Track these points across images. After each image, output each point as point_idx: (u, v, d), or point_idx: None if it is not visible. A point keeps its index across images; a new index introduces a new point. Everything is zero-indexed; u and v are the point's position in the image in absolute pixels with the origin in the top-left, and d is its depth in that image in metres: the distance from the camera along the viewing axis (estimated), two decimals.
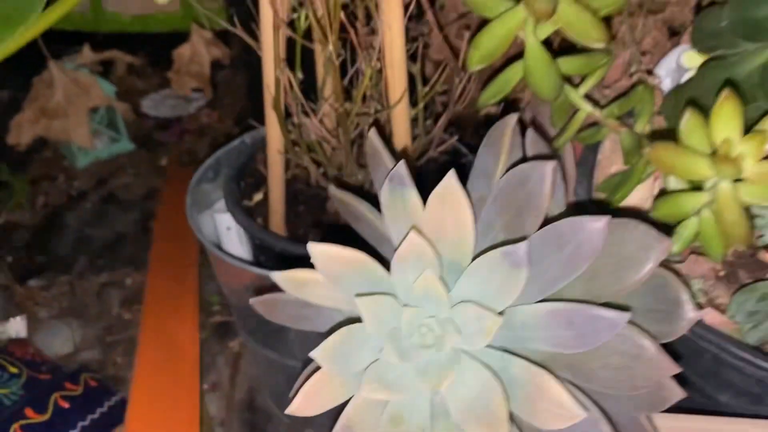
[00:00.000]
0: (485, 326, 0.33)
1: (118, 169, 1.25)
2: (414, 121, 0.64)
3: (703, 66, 0.51)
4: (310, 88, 0.67)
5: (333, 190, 0.46)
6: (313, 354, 0.33)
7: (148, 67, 1.46)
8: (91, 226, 1.14)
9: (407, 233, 0.34)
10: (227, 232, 0.75)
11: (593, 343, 0.34)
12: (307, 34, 0.60)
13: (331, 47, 0.52)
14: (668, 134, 0.48)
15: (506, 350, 0.36)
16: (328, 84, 0.63)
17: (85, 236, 1.12)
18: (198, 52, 1.18)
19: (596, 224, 0.34)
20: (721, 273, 0.50)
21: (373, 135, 0.42)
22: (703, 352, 0.45)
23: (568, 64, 0.51)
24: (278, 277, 0.38)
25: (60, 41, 1.20)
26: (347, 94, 0.60)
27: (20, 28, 0.40)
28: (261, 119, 0.79)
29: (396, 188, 0.37)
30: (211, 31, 1.20)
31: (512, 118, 0.41)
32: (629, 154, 0.53)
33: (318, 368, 0.45)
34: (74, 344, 0.95)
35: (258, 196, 0.75)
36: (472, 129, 0.78)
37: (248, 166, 0.77)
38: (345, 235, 0.72)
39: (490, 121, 0.77)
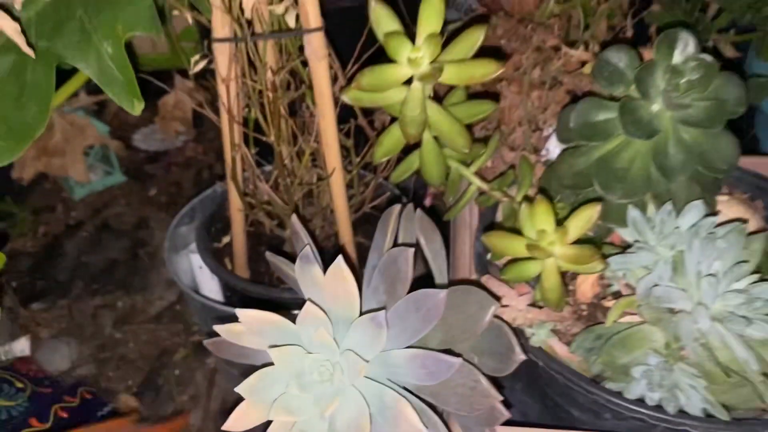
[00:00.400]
0: (358, 368, 0.47)
1: (111, 199, 1.38)
2: (350, 184, 0.78)
3: (562, 153, 0.65)
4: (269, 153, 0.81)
5: (270, 256, 0.60)
6: (237, 389, 0.47)
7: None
8: (87, 253, 1.28)
9: (306, 301, 0.48)
10: (200, 271, 0.89)
11: (440, 377, 0.48)
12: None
13: (272, 137, 0.66)
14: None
15: (382, 383, 0.50)
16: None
17: (82, 262, 1.26)
18: (181, 100, 1.33)
19: (440, 295, 0.48)
20: (584, 313, 0.64)
21: (294, 220, 0.56)
22: (556, 377, 0.59)
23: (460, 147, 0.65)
24: (220, 329, 0.52)
25: None
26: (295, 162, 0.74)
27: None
28: None
29: (305, 265, 0.51)
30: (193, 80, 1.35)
31: (395, 209, 0.55)
32: (506, 220, 0.67)
33: None
34: (71, 361, 1.08)
35: (226, 239, 0.89)
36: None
37: (218, 213, 0.91)
38: None
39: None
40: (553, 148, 0.74)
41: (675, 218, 0.56)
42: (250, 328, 0.50)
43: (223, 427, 0.49)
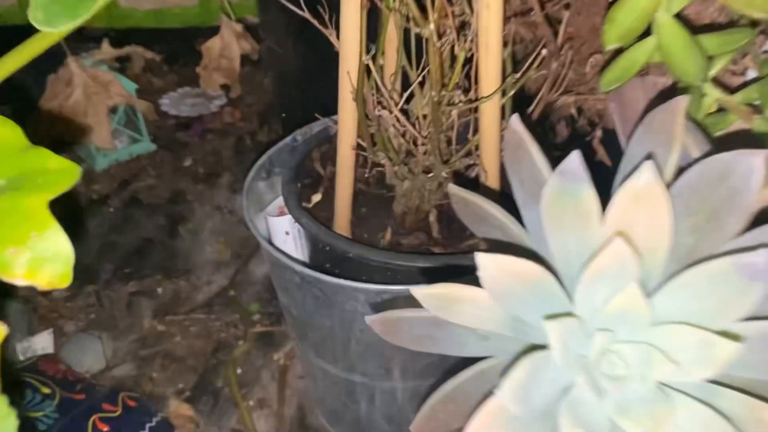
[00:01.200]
0: (713, 355, 0.27)
1: (140, 170, 1.18)
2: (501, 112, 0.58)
3: None
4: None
5: (453, 188, 0.40)
6: (499, 393, 0.27)
7: (164, 65, 1.39)
8: (116, 231, 1.07)
9: (607, 243, 0.28)
10: (285, 237, 0.68)
11: None
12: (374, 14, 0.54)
13: (432, 26, 0.46)
14: None
15: (714, 382, 0.30)
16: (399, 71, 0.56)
17: (110, 242, 1.05)
18: (228, 46, 1.11)
19: None
20: None
21: (516, 123, 0.36)
22: None
23: (706, 43, 0.45)
24: (419, 294, 0.32)
25: (71, 37, 1.14)
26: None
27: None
28: (291, 118, 0.74)
29: (567, 185, 0.31)
30: (240, 23, 1.14)
31: (683, 101, 0.35)
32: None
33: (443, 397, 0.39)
34: (106, 359, 0.88)
35: (316, 197, 0.69)
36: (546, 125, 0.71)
37: (304, 165, 0.71)
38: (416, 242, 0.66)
39: (562, 112, 0.71)
40: None
41: None
42: (493, 286, 0.29)
43: None
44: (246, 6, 1.27)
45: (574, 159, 0.31)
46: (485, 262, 0.29)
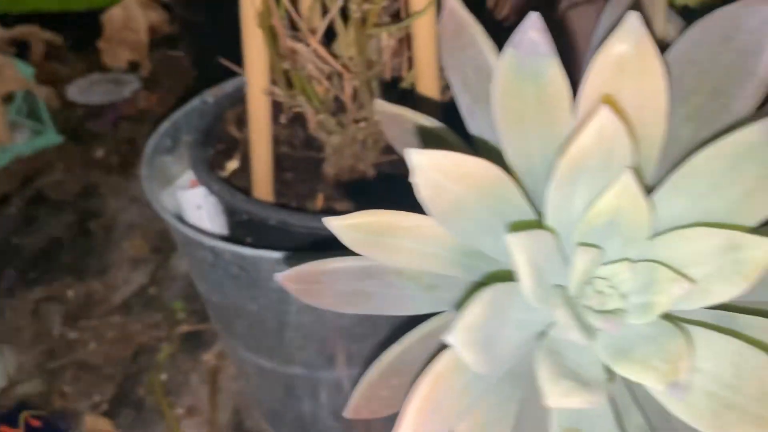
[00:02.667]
0: (743, 260, 0.19)
1: (45, 165, 1.06)
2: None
3: None
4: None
5: (381, 105, 0.31)
6: (450, 337, 0.19)
7: (71, 51, 1.27)
8: (19, 233, 0.95)
9: (591, 116, 0.20)
10: (197, 213, 0.59)
11: None
12: None
13: None
14: None
15: (731, 308, 0.22)
16: None
17: (12, 246, 0.93)
18: (132, 17, 1.00)
19: None
20: None
21: (453, 3, 0.27)
22: None
23: None
24: (342, 225, 0.23)
25: None
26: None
27: None
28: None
29: (525, 62, 0.23)
30: None
31: None
32: None
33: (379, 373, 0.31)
34: (8, 376, 0.76)
35: (232, 165, 0.60)
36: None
37: (216, 128, 0.61)
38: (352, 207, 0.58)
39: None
40: None
41: None
42: (435, 197, 0.21)
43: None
44: None
45: (533, 23, 0.22)
46: (421, 161, 0.20)
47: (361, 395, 0.30)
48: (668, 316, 0.21)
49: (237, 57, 0.65)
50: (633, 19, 0.21)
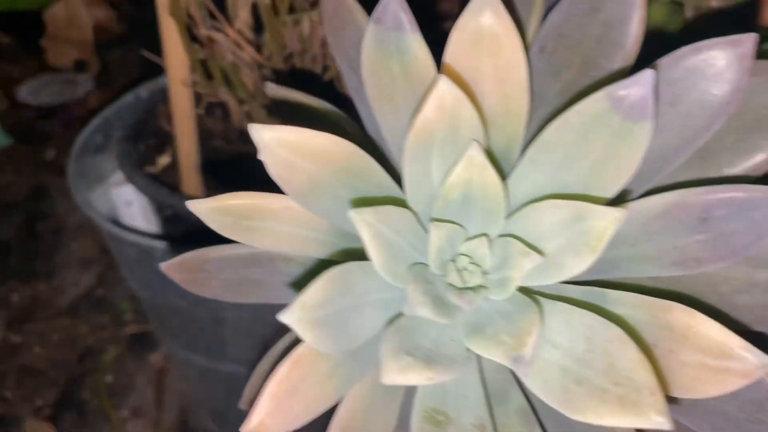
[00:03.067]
0: (589, 232, 0.18)
1: None
2: None
3: None
4: None
5: (271, 86, 0.31)
6: (283, 317, 0.18)
7: (22, 52, 1.24)
8: None
9: (430, 89, 0.19)
10: (128, 209, 0.58)
11: (745, 247, 0.20)
12: None
13: None
14: None
15: (597, 282, 0.22)
16: None
17: None
18: (76, 14, 0.99)
19: (732, 51, 0.20)
20: None
21: None
22: None
23: None
24: (202, 207, 0.23)
25: None
26: None
27: None
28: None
29: (387, 36, 0.22)
30: None
31: None
32: None
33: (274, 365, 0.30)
34: None
35: (164, 160, 0.59)
36: None
37: (147, 123, 0.60)
38: None
39: None
40: None
41: None
42: (289, 179, 0.20)
43: (250, 426, 0.20)
44: None
45: (392, 3, 0.22)
46: (267, 138, 0.20)
47: (254, 387, 0.30)
48: (529, 292, 0.21)
49: None
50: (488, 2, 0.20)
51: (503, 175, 0.21)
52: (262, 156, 0.20)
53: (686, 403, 0.22)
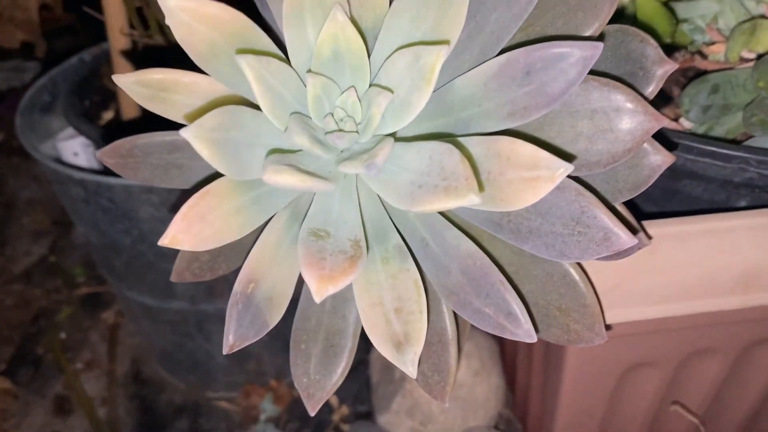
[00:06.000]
0: (423, 66, 0.24)
1: None
2: None
3: None
4: None
5: None
6: (183, 132, 0.23)
7: None
8: None
9: None
10: (74, 159, 0.62)
11: (558, 95, 0.26)
12: None
13: None
14: None
15: (448, 134, 0.27)
16: None
17: None
18: None
19: None
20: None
21: None
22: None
23: None
24: (128, 80, 0.28)
25: None
26: None
27: None
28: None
29: None
30: None
31: None
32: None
33: None
34: None
35: (108, 115, 0.63)
36: None
37: (91, 81, 0.64)
38: None
39: None
40: None
41: None
42: (192, 44, 0.25)
43: (160, 242, 0.25)
44: None
45: None
46: (170, 4, 0.24)
47: (181, 258, 0.34)
48: (391, 136, 0.26)
49: None
50: None
51: (366, 41, 0.26)
52: (168, 20, 0.25)
53: (524, 233, 0.27)
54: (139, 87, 0.28)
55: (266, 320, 0.29)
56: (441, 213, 0.29)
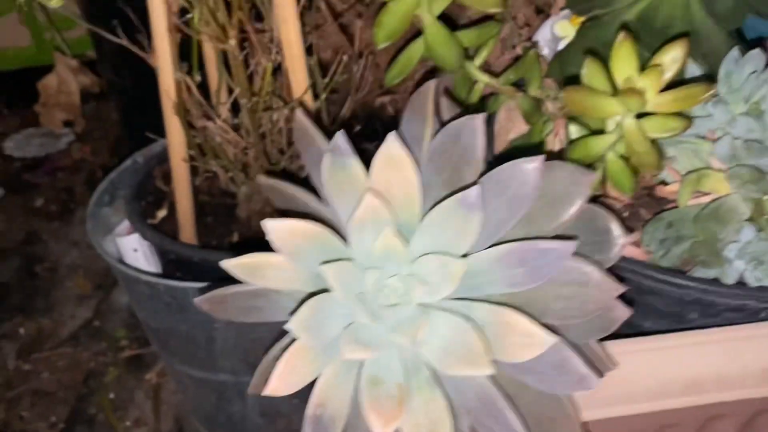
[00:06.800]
0: (451, 272, 0.34)
1: None
2: (317, 114, 0.65)
3: (581, 29, 0.55)
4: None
5: (262, 179, 0.46)
6: (288, 326, 0.33)
7: (4, 108, 1.37)
8: None
9: (362, 198, 0.35)
10: (134, 255, 0.72)
11: (545, 275, 0.36)
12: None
13: (232, 41, 0.52)
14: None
15: (466, 299, 0.38)
16: (223, 85, 0.62)
17: None
18: (65, 81, 1.12)
19: (533, 164, 0.36)
20: (625, 214, 0.54)
21: (300, 115, 0.43)
22: (625, 282, 0.49)
23: (464, 37, 0.54)
24: (229, 264, 0.38)
25: None
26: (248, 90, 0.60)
27: None
28: (142, 144, 0.77)
29: (337, 159, 0.38)
30: (75, 59, 1.14)
31: (432, 84, 0.43)
32: (529, 115, 0.56)
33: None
34: None
35: (161, 213, 0.73)
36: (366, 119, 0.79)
37: (146, 183, 0.74)
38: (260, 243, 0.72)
39: (382, 111, 0.79)
40: (542, 45, 0.63)
41: (743, 68, 0.48)
42: (285, 247, 0.36)
43: (265, 392, 0.35)
44: (83, 41, 1.27)
45: (340, 139, 0.38)
46: (273, 226, 0.35)
47: (259, 376, 0.44)
48: (424, 306, 0.36)
49: (156, 107, 0.78)
50: (391, 138, 0.36)
51: (407, 238, 0.37)
52: (271, 237, 0.35)
53: (518, 369, 0.38)
54: (239, 268, 0.38)
55: None
56: None
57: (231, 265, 0.38)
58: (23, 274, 1.06)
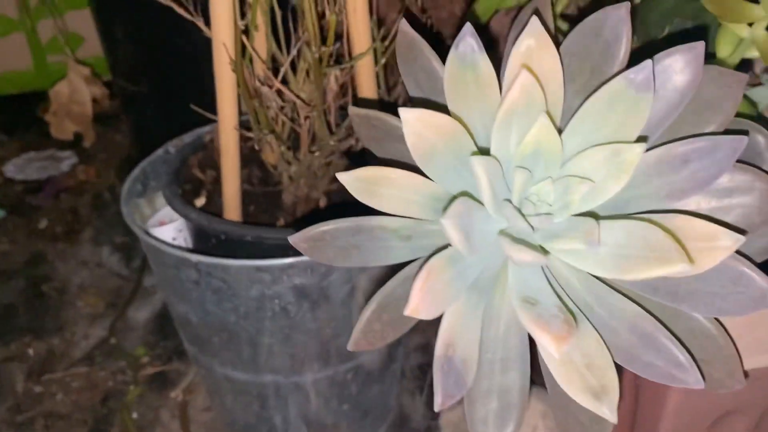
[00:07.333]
0: (623, 162, 0.29)
1: None
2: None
3: None
4: None
5: (354, 109, 0.41)
6: (444, 220, 0.28)
7: (3, 134, 1.31)
8: None
9: (515, 77, 0.30)
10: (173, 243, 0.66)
11: (711, 178, 0.31)
12: None
13: None
14: None
15: (617, 216, 0.33)
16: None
17: None
18: (78, 90, 1.07)
19: (693, 51, 0.32)
20: None
21: (405, 25, 0.38)
22: None
23: None
24: (347, 177, 0.33)
25: None
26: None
27: None
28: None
29: (466, 57, 0.33)
30: (88, 67, 1.10)
31: None
32: None
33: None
34: None
35: (200, 201, 0.67)
36: None
37: (182, 171, 0.69)
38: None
39: None
40: None
41: None
42: (417, 144, 0.31)
43: (405, 312, 0.29)
44: (90, 61, 1.23)
45: (468, 32, 0.33)
46: (408, 115, 0.30)
47: (360, 329, 0.38)
48: (579, 216, 0.31)
49: (177, 123, 0.73)
50: (534, 21, 0.32)
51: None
52: (404, 129, 0.30)
53: (682, 294, 0.32)
54: (356, 182, 0.33)
55: (465, 380, 0.33)
56: (600, 279, 0.34)
57: (353, 177, 0.32)
58: (30, 294, 0.99)
